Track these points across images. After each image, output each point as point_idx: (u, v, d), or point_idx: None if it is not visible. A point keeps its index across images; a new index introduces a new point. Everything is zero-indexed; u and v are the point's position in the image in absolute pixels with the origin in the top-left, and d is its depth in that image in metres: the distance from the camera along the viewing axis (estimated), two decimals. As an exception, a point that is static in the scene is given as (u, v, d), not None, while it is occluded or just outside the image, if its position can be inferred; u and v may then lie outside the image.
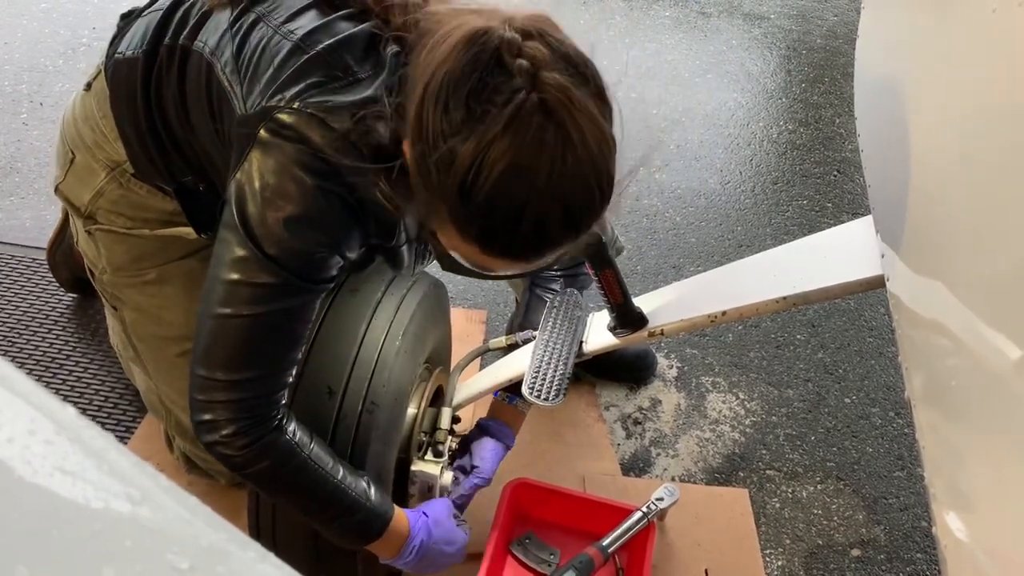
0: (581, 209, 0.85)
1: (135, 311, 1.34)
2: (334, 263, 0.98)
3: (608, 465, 1.65)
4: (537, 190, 0.81)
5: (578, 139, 0.81)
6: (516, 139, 0.79)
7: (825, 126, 2.67)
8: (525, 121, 0.79)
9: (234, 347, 0.96)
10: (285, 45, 0.96)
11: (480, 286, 1.98)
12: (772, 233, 2.24)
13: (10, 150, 2.23)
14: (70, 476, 0.30)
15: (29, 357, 1.72)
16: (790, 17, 3.24)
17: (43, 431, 0.31)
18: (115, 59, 1.15)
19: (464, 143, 0.80)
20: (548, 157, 0.80)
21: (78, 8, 2.82)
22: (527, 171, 0.80)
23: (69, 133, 1.25)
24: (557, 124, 0.80)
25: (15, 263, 1.92)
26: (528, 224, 0.82)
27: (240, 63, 0.99)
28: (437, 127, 0.81)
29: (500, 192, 0.81)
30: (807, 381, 1.86)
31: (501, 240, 0.85)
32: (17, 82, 2.47)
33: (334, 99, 0.92)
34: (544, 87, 0.80)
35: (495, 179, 0.80)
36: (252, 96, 0.96)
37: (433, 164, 0.83)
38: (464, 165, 0.80)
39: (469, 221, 0.84)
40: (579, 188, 0.83)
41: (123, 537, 0.29)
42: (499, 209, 0.82)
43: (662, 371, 1.86)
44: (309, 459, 1.02)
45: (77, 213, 1.28)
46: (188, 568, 0.29)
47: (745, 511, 1.59)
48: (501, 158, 0.79)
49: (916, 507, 1.62)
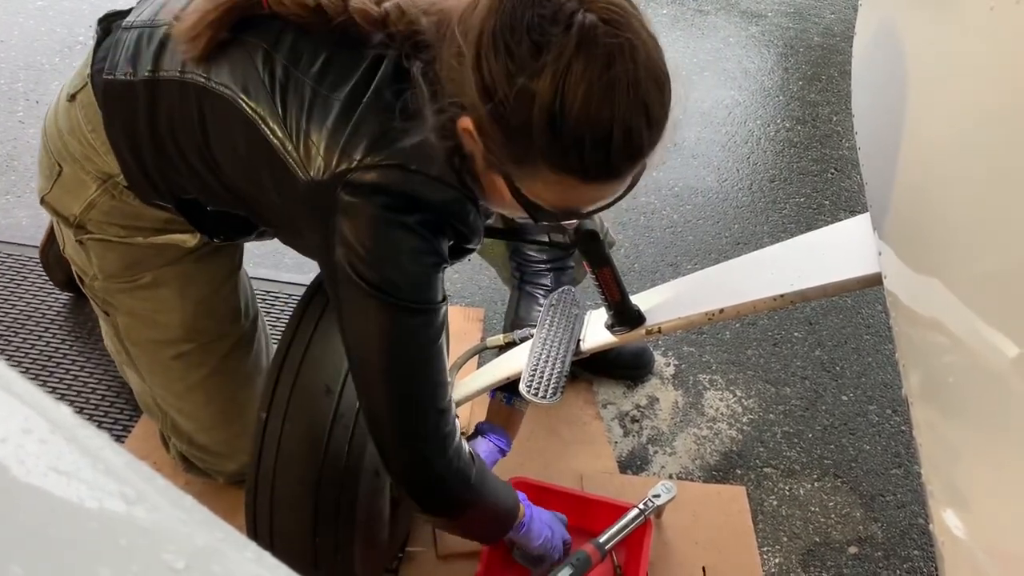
0: (658, 109, 0.87)
1: (128, 316, 1.30)
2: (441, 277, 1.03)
3: (605, 463, 1.65)
4: (620, 100, 0.83)
5: (640, 43, 0.84)
6: (589, 57, 0.81)
7: (822, 124, 2.67)
8: (591, 38, 0.82)
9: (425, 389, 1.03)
10: (334, 105, 0.96)
11: (478, 284, 1.98)
12: (769, 231, 2.24)
13: (6, 148, 2.23)
14: (65, 475, 0.29)
15: (25, 356, 1.72)
16: (787, 15, 3.24)
17: (38, 430, 0.31)
18: (105, 80, 1.10)
19: (539, 77, 0.82)
20: (622, 66, 0.83)
21: (75, 6, 2.81)
22: (608, 84, 0.82)
23: (54, 145, 1.19)
24: (618, 34, 0.83)
25: (11, 262, 1.92)
26: (619, 135, 0.84)
27: (287, 123, 0.98)
28: (504, 73, 0.83)
29: (588, 112, 0.83)
30: (804, 379, 1.86)
31: (597, 160, 0.86)
32: (13, 80, 2.47)
33: (403, 145, 0.93)
34: (594, 4, 0.83)
35: (581, 100, 0.82)
36: (314, 161, 0.96)
37: (511, 111, 0.84)
38: (547, 97, 0.82)
39: (564, 152, 0.85)
40: (652, 89, 0.86)
41: (118, 537, 0.29)
42: (591, 128, 0.84)
43: (659, 369, 1.86)
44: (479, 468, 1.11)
45: (66, 223, 1.23)
46: (184, 568, 0.29)
47: (742, 508, 1.59)
48: (581, 79, 0.81)
49: (913, 504, 1.62)
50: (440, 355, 1.03)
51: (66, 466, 0.30)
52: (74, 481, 0.30)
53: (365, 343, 1.00)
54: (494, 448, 1.35)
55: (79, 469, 0.30)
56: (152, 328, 1.31)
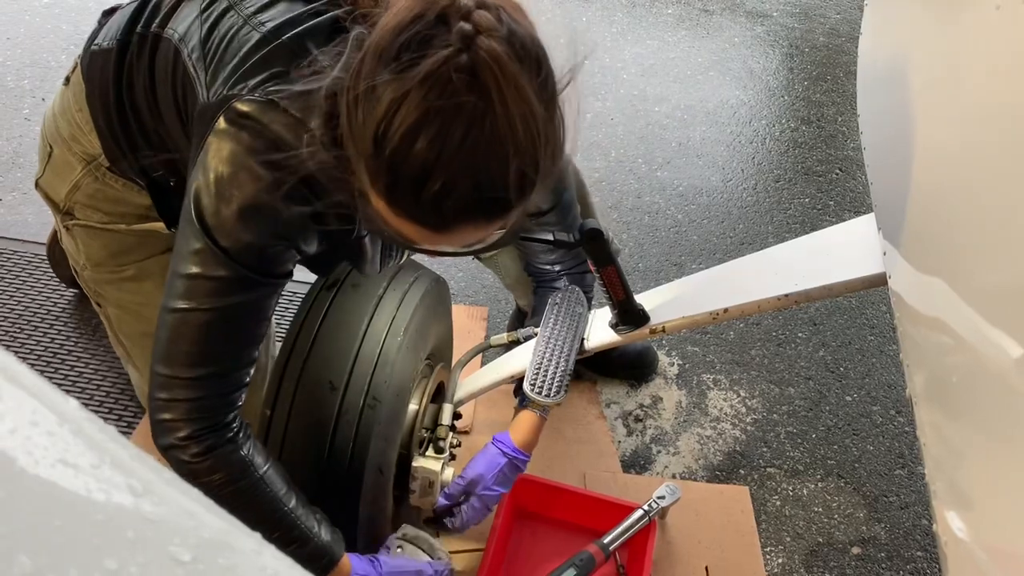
0: (494, 188, 0.80)
1: (117, 308, 1.34)
2: (289, 257, 0.98)
3: (609, 462, 1.65)
4: (445, 154, 0.77)
5: (502, 113, 0.77)
6: (432, 94, 0.76)
7: (827, 124, 2.67)
8: (446, 78, 0.76)
9: (193, 342, 0.96)
10: (253, 36, 0.96)
11: (482, 282, 1.98)
12: (774, 231, 2.24)
13: (12, 145, 2.24)
14: (72, 467, 0.30)
15: (31, 352, 1.73)
16: (793, 15, 3.23)
17: (45, 422, 0.31)
18: (91, 51, 1.15)
19: (386, 90, 0.78)
20: (464, 120, 0.77)
21: (80, 4, 2.82)
22: (438, 129, 0.77)
23: (48, 128, 1.25)
24: (481, 91, 0.76)
25: (17, 258, 1.92)
26: (433, 188, 0.79)
27: (207, 50, 0.99)
28: (368, 74, 0.80)
29: (408, 146, 0.78)
30: (808, 379, 1.86)
31: (406, 199, 0.82)
32: (20, 78, 2.47)
33: (296, 87, 0.90)
34: (477, 51, 0.76)
35: (405, 130, 0.77)
36: (215, 85, 0.96)
37: (359, 112, 0.81)
38: (381, 112, 0.78)
39: (379, 173, 0.81)
40: (493, 165, 0.79)
41: (125, 528, 0.29)
42: (406, 164, 0.79)
43: (663, 368, 1.86)
44: (262, 480, 1.02)
45: (56, 209, 1.28)
46: (190, 560, 0.29)
47: (746, 509, 1.59)
48: (415, 110, 0.77)
49: (917, 505, 1.62)
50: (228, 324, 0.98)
51: (74, 458, 0.30)
52: (81, 473, 0.30)
53: (174, 282, 0.96)
54: (496, 452, 1.27)
55: (86, 461, 0.30)
56: (140, 321, 1.33)
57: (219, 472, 1.00)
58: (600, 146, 2.45)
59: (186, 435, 0.98)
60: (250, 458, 1.01)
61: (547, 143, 0.82)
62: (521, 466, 1.30)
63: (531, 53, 0.81)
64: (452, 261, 2.02)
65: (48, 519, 0.27)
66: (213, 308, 0.95)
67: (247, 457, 1.01)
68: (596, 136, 2.48)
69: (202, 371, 0.97)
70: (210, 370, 0.98)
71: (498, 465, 1.27)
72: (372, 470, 1.15)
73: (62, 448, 0.30)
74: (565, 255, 1.44)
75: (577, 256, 1.50)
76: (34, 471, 0.29)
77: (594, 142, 2.46)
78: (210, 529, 0.31)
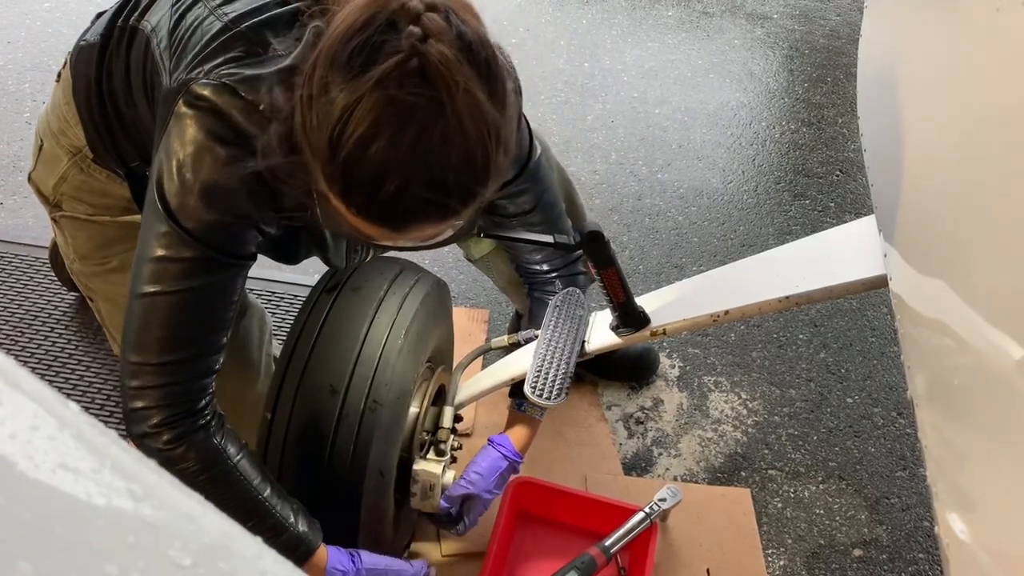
0: (448, 187, 0.83)
1: (106, 301, 1.37)
2: (251, 237, 1.00)
3: (610, 464, 1.65)
4: (399, 155, 0.80)
5: (452, 115, 0.80)
6: (385, 98, 0.79)
7: (828, 126, 2.67)
8: (397, 82, 0.79)
9: (163, 326, 0.98)
10: (215, 24, 0.98)
11: (483, 285, 1.98)
12: (775, 233, 2.24)
13: (13, 149, 2.24)
14: (72, 472, 0.30)
15: (32, 356, 1.73)
16: (793, 17, 3.24)
17: (46, 427, 0.31)
18: (79, 46, 1.20)
19: (339, 95, 0.80)
20: (416, 124, 0.79)
21: (81, 8, 2.82)
22: (391, 133, 0.79)
23: (41, 124, 1.30)
24: (431, 95, 0.79)
25: (18, 262, 1.92)
26: (388, 189, 0.81)
27: (173, 40, 1.02)
28: (321, 79, 0.82)
29: (362, 151, 0.80)
30: (809, 381, 1.86)
31: (362, 201, 0.84)
32: (20, 81, 2.48)
33: (248, 71, 0.93)
34: (427, 55, 0.79)
35: (359, 135, 0.80)
36: (177, 71, 0.98)
37: (313, 116, 0.83)
38: (334, 117, 0.80)
39: (334, 176, 0.83)
40: (447, 164, 0.81)
41: (125, 533, 0.29)
42: (360, 167, 0.81)
43: (664, 371, 1.86)
44: (235, 468, 1.03)
45: (45, 201, 1.32)
46: (190, 565, 0.29)
47: (747, 511, 1.59)
48: (367, 115, 0.79)
49: (918, 507, 1.62)
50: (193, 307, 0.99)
51: (74, 463, 0.30)
52: (82, 478, 0.30)
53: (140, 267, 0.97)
54: (498, 456, 1.30)
55: (87, 466, 0.30)
56: None
57: (191, 459, 1.01)
58: (600, 148, 2.45)
59: (158, 422, 0.99)
60: (223, 446, 1.03)
61: (498, 141, 0.85)
62: (518, 469, 1.33)
63: (479, 54, 0.83)
64: (453, 263, 2.02)
65: (48, 524, 0.27)
66: (181, 291, 0.97)
67: (220, 444, 1.03)
68: (596, 138, 2.48)
69: (173, 356, 0.99)
70: (181, 355, 0.99)
71: (499, 469, 1.29)
72: (373, 473, 1.15)
73: (62, 452, 0.30)
74: (553, 254, 1.44)
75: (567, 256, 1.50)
76: (34, 475, 0.29)
77: (594, 144, 2.46)
78: (210, 534, 0.31)
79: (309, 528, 1.08)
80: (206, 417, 1.02)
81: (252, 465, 1.05)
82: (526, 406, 1.35)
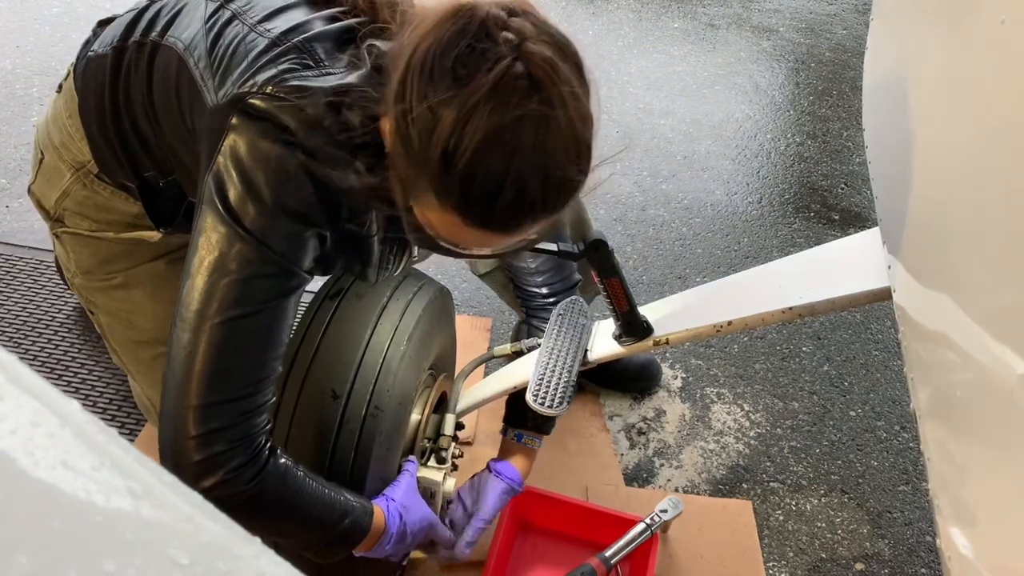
0: (560, 182, 0.84)
1: (108, 315, 1.34)
2: (312, 247, 0.97)
3: (611, 475, 1.64)
4: (519, 159, 0.80)
5: (560, 111, 0.81)
6: (499, 105, 0.79)
7: (833, 139, 2.67)
8: (509, 88, 0.79)
9: (242, 354, 0.93)
10: (261, 41, 0.96)
11: (486, 293, 1.98)
12: (779, 244, 2.24)
13: (20, 153, 2.25)
14: (72, 469, 0.30)
15: (35, 358, 1.73)
16: (799, 30, 3.24)
17: (47, 424, 0.31)
18: (87, 58, 1.16)
19: (447, 108, 0.80)
20: (531, 126, 0.80)
21: (90, 13, 2.84)
22: (510, 139, 0.80)
23: (40, 135, 1.27)
24: (541, 94, 0.80)
25: (23, 264, 1.93)
26: (508, 193, 0.82)
27: (213, 58, 0.99)
28: (421, 93, 0.81)
29: (482, 159, 0.80)
30: (812, 393, 1.85)
31: (480, 209, 0.84)
32: (28, 86, 2.49)
33: (306, 84, 0.92)
34: (530, 57, 0.80)
35: (477, 145, 0.80)
36: (224, 87, 0.96)
37: (416, 131, 0.82)
38: (446, 130, 0.80)
39: (450, 189, 0.83)
40: (560, 160, 0.83)
41: (124, 531, 0.29)
42: (480, 176, 0.81)
43: (667, 382, 1.85)
44: (304, 474, 1.01)
45: (47, 216, 1.30)
46: (189, 563, 0.29)
47: (748, 523, 1.58)
48: (484, 124, 0.79)
49: (921, 522, 1.61)
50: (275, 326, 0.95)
51: (74, 460, 0.30)
52: (81, 475, 0.30)
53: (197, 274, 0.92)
54: (505, 487, 1.31)
55: (87, 463, 0.30)
56: (129, 329, 1.33)
57: (272, 483, 0.96)
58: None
59: (238, 464, 0.92)
60: (285, 458, 0.99)
61: (592, 126, 0.87)
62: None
63: (569, 50, 0.85)
64: (456, 271, 2.02)
65: (47, 520, 0.27)
66: (261, 311, 0.93)
67: (284, 459, 0.99)
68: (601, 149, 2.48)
69: (252, 386, 0.94)
70: (259, 383, 0.94)
71: (504, 501, 1.32)
72: (374, 479, 1.15)
73: (63, 450, 0.30)
74: (552, 277, 1.44)
75: (566, 280, 1.51)
76: (34, 472, 0.29)
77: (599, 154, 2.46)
78: (209, 533, 0.31)
79: (356, 494, 1.08)
80: (270, 440, 0.97)
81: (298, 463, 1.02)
82: (526, 438, 1.36)
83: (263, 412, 0.96)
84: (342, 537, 1.05)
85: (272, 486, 0.96)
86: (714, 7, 3.38)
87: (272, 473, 0.96)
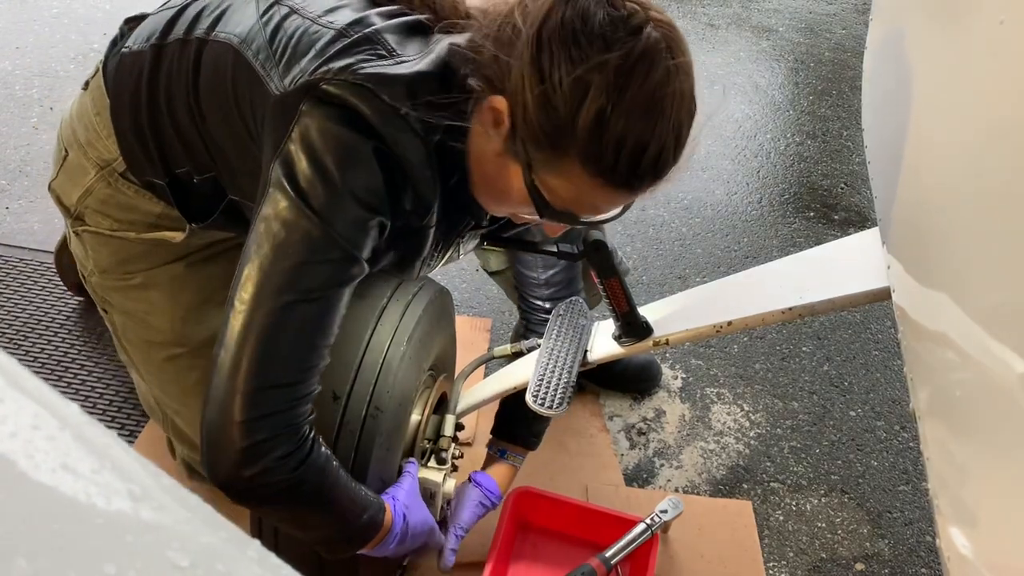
0: (683, 141, 0.92)
1: (123, 315, 1.33)
2: (372, 236, 0.96)
3: (611, 475, 1.64)
4: (663, 120, 0.87)
5: (686, 71, 0.89)
6: (651, 68, 0.86)
7: (832, 139, 2.67)
8: (655, 51, 0.86)
9: (298, 340, 0.93)
10: (326, 32, 0.97)
11: (486, 294, 1.98)
12: (779, 244, 2.24)
13: (20, 154, 2.25)
14: (72, 472, 0.30)
15: (35, 360, 1.73)
16: (798, 30, 3.25)
17: (46, 426, 0.31)
18: (121, 54, 1.16)
19: (599, 72, 0.85)
20: (674, 86, 0.87)
21: (89, 14, 2.84)
22: (658, 100, 0.87)
23: (65, 132, 1.26)
24: (674, 57, 0.88)
25: (23, 266, 1.93)
26: (654, 151, 0.88)
27: (275, 49, 0.99)
28: (566, 59, 0.86)
29: (637, 120, 0.86)
30: (812, 393, 1.85)
31: (628, 168, 0.89)
32: (28, 87, 2.49)
33: (384, 72, 0.92)
34: (659, 24, 0.88)
35: (632, 107, 0.86)
36: (290, 75, 0.95)
37: (562, 98, 0.86)
38: (600, 95, 0.85)
39: (600, 152, 0.88)
40: (684, 119, 0.91)
41: (124, 533, 0.29)
42: (633, 136, 0.87)
43: (667, 382, 1.85)
44: (338, 465, 1.01)
45: (67, 213, 1.28)
46: (188, 566, 0.29)
47: (749, 523, 1.58)
48: (641, 87, 0.86)
49: (921, 521, 1.61)
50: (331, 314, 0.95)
51: (74, 463, 0.30)
52: (81, 478, 0.30)
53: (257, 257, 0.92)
54: (482, 497, 1.33)
55: (87, 466, 0.30)
56: (145, 329, 1.33)
57: (312, 474, 0.96)
58: (605, 159, 2.45)
59: (283, 452, 0.92)
60: (325, 448, 0.99)
61: None
62: None
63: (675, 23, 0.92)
64: (456, 273, 2.02)
65: (47, 523, 0.27)
66: (324, 297, 0.94)
67: (324, 449, 0.99)
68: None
69: (305, 372, 0.94)
70: (311, 369, 0.95)
71: (481, 512, 1.33)
72: (374, 480, 1.15)
73: (63, 452, 0.30)
74: (560, 292, 1.45)
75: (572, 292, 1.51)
76: (34, 475, 0.29)
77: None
78: (208, 535, 0.31)
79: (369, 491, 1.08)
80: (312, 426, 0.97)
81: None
82: (509, 455, 1.38)
83: (309, 401, 0.96)
84: (360, 532, 1.05)
85: (312, 477, 0.96)
86: (714, 7, 3.38)
87: (314, 463, 0.96)
